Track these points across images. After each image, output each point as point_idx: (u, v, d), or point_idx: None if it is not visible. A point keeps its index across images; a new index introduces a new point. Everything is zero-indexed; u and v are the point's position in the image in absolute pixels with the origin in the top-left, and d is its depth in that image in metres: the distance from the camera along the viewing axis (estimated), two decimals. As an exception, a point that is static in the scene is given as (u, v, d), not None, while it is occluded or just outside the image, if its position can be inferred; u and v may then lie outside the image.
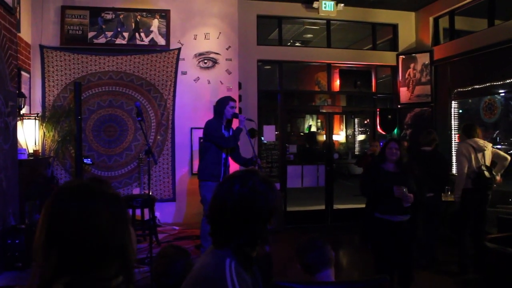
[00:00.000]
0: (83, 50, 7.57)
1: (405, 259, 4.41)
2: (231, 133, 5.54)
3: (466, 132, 5.80)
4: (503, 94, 7.57)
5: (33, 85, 7.31)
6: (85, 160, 7.13)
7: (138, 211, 6.39)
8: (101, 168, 7.59)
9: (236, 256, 1.57)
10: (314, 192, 9.65)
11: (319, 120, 15.64)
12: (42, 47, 7.38)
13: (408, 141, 8.98)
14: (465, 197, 5.63)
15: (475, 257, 5.73)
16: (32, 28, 7.32)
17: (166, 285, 2.36)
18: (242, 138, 5.60)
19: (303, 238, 2.53)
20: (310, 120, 15.70)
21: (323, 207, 9.07)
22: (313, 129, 15.69)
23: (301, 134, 15.74)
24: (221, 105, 5.45)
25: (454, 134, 8.36)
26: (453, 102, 8.37)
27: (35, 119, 6.75)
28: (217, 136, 5.36)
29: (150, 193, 5.84)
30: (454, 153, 8.25)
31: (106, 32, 7.65)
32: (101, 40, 7.64)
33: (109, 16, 7.67)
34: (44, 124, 7.01)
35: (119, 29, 7.70)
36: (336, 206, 9.16)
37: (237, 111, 5.66)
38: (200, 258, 1.69)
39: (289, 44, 10.67)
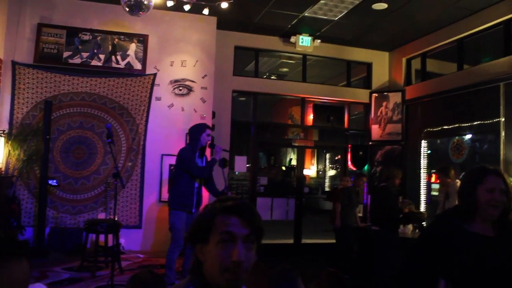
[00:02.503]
0: (57, 69, 7.45)
1: None
2: (204, 162, 5.47)
3: (445, 172, 5.98)
4: (470, 135, 7.76)
5: (2, 101, 7.12)
6: (50, 182, 6.95)
7: (102, 237, 6.18)
8: (67, 191, 7.36)
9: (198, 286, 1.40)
10: (283, 225, 9.58)
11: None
12: (14, 63, 7.23)
13: (378, 178, 9.07)
14: None
15: None
16: (6, 44, 7.19)
17: None
18: (214, 168, 5.55)
19: (277, 268, 2.47)
20: (292, 153, 15.71)
21: (291, 241, 8.99)
22: (294, 162, 15.71)
23: (283, 168, 15.71)
24: (197, 131, 5.37)
25: (423, 172, 8.49)
26: (423, 141, 8.53)
27: (1, 136, 6.56)
28: (191, 167, 5.26)
29: (116, 219, 5.67)
30: (423, 191, 8.39)
31: (82, 53, 7.57)
32: (77, 60, 7.54)
33: (86, 37, 7.61)
34: (10, 142, 6.80)
35: (95, 51, 7.63)
36: (304, 241, 9.09)
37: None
38: None
39: (265, 76, 10.76)
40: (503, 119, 6.79)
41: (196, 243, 1.43)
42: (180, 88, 8.00)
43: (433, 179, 8.72)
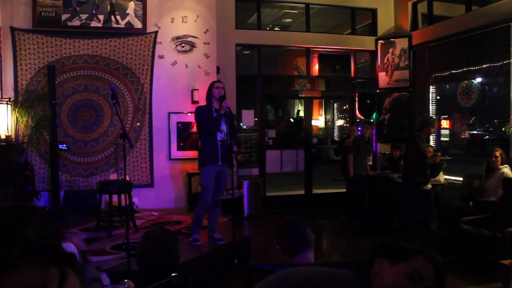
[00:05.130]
0: (56, 33, 7.35)
1: None
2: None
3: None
4: (479, 79, 7.63)
5: (5, 69, 7.09)
6: (60, 146, 6.99)
7: (115, 197, 6.28)
8: (77, 154, 7.44)
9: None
10: (294, 177, 9.67)
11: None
12: (13, 30, 7.14)
13: (386, 126, 9.04)
14: None
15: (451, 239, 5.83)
16: (2, 10, 7.06)
17: (146, 267, 2.29)
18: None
19: (284, 220, 2.49)
20: (299, 105, 15.58)
21: (302, 192, 9.09)
22: (301, 114, 15.63)
23: (291, 119, 15.68)
24: (209, 88, 5.46)
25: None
26: (431, 87, 8.41)
27: (7, 103, 6.56)
28: (201, 122, 5.35)
29: (127, 179, 5.74)
30: (432, 137, 8.34)
31: (81, 15, 7.44)
32: (75, 22, 7.43)
33: (83, -2, 7.46)
34: (16, 109, 6.82)
35: (94, 12, 7.49)
36: (315, 191, 9.19)
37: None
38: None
39: (268, 28, 10.57)
40: (513, 61, 6.63)
41: (383, 256, 1.57)
42: (183, 44, 7.89)
43: (443, 125, 8.66)
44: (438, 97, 8.46)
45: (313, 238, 2.41)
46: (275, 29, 11.02)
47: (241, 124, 8.70)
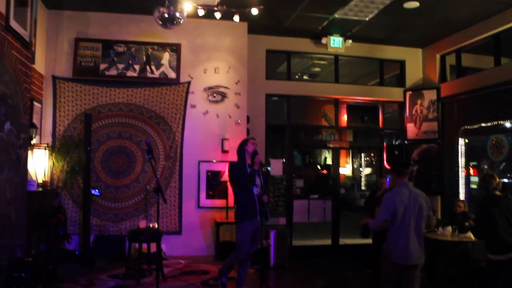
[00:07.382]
0: (94, 82, 7.69)
1: None
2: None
3: None
4: (510, 133, 7.57)
5: (44, 115, 7.41)
6: (92, 191, 7.19)
7: (144, 244, 6.35)
8: (108, 199, 7.60)
9: None
10: (321, 226, 9.59)
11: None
12: (54, 78, 7.51)
13: (414, 177, 8.96)
14: None
15: None
16: (46, 59, 7.48)
17: None
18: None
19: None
20: (327, 152, 15.65)
21: (329, 242, 9.00)
22: (329, 161, 15.64)
23: (318, 166, 15.74)
24: (242, 144, 5.56)
25: (461, 171, 8.34)
26: (460, 139, 8.37)
27: (45, 149, 6.80)
28: (237, 178, 5.40)
29: (157, 227, 5.81)
30: (461, 190, 8.25)
31: (118, 65, 7.78)
32: (113, 72, 7.76)
33: (121, 49, 7.81)
34: (53, 155, 7.06)
35: (130, 62, 7.82)
36: (342, 241, 9.09)
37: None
38: None
39: (297, 77, 10.76)
40: (544, 115, 6.60)
41: None
42: (214, 94, 8.11)
43: (471, 172, 8.53)
44: (467, 150, 8.36)
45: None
46: (304, 77, 11.21)
47: (269, 169, 8.75)
